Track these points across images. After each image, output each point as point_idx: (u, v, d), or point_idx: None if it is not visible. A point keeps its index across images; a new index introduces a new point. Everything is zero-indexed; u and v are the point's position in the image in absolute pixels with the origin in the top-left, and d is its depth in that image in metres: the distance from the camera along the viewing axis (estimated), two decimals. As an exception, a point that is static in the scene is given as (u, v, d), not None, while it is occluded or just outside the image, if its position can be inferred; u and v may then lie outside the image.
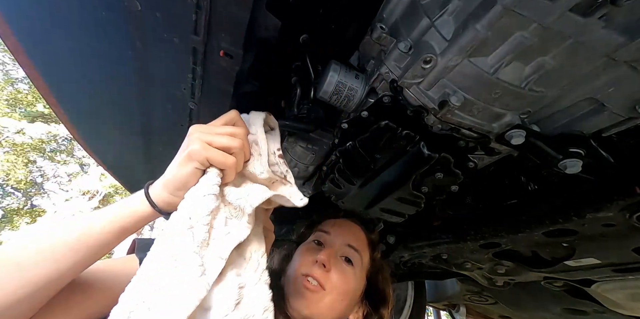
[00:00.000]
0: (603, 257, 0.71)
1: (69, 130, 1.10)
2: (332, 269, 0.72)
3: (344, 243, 0.79)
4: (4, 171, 9.67)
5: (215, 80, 0.70)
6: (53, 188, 11.09)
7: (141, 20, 0.59)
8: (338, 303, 0.69)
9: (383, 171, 0.79)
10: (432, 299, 1.79)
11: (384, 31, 0.58)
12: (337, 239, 0.80)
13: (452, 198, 0.86)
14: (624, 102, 0.49)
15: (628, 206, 0.55)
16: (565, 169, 0.57)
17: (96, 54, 0.73)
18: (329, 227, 0.85)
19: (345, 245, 0.78)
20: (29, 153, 10.18)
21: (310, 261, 0.74)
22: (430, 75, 0.53)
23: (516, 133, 0.56)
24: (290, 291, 0.70)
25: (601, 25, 0.39)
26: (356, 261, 0.76)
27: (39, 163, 10.71)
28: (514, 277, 0.95)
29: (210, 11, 0.54)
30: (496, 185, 0.82)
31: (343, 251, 0.77)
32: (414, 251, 1.01)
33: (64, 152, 11.25)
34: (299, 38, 0.67)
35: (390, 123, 0.68)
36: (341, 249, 0.78)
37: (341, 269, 0.73)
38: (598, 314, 1.08)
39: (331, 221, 0.88)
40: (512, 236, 0.74)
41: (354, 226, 0.85)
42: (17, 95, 10.25)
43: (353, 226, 0.85)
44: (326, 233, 0.83)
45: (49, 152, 10.84)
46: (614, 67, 0.44)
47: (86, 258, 0.43)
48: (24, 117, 10.24)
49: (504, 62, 0.47)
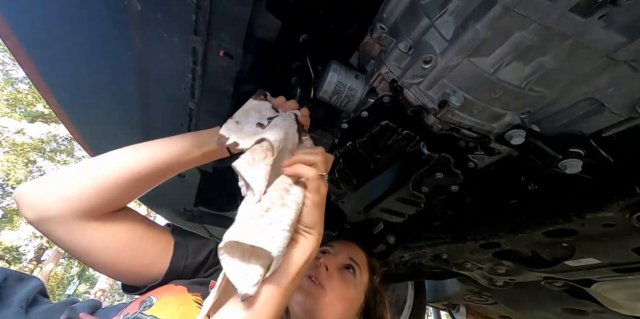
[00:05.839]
0: (603, 257, 0.71)
1: (69, 130, 1.10)
2: (334, 274, 0.76)
3: (346, 256, 0.83)
4: (4, 171, 9.67)
5: (215, 80, 0.70)
6: (53, 188, 11.06)
7: (141, 20, 0.59)
8: (336, 306, 0.71)
9: (383, 172, 0.79)
10: (432, 299, 1.78)
11: (384, 31, 0.58)
12: (340, 252, 0.85)
13: (452, 198, 0.86)
14: (624, 102, 0.49)
15: (628, 206, 0.55)
16: (565, 169, 0.57)
17: (96, 54, 0.73)
18: (334, 243, 0.91)
19: (348, 257, 0.83)
20: (29, 153, 10.18)
21: (314, 264, 0.78)
22: (430, 75, 0.53)
23: (516, 133, 0.56)
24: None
25: (601, 25, 0.39)
26: (357, 273, 0.80)
27: (39, 163, 10.71)
28: (514, 277, 0.95)
29: (210, 11, 0.54)
30: (496, 185, 0.82)
31: (345, 262, 0.82)
32: (414, 251, 1.01)
33: (64, 152, 11.26)
34: (299, 38, 0.67)
35: (390, 123, 0.68)
36: (344, 260, 0.82)
37: (342, 276, 0.77)
38: (598, 314, 1.08)
39: (337, 240, 0.94)
40: (512, 236, 0.74)
41: (357, 248, 0.90)
42: (17, 95, 10.25)
43: (356, 248, 0.90)
44: (331, 246, 0.89)
45: (49, 151, 10.85)
46: (614, 67, 0.44)
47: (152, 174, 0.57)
48: (24, 117, 10.24)
49: (504, 62, 0.47)
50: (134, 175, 0.56)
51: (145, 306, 0.53)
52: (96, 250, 0.56)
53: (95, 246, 0.55)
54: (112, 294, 12.21)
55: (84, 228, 0.54)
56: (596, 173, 0.59)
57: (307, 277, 0.73)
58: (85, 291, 13.28)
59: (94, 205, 0.54)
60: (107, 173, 0.55)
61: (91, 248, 0.55)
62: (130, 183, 0.56)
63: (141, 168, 0.56)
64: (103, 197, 0.54)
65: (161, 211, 1.56)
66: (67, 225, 0.53)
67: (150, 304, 0.54)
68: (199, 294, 0.57)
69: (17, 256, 10.64)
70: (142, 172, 0.56)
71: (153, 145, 0.59)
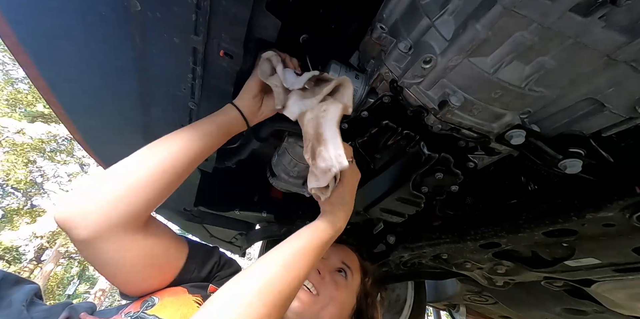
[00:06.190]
0: (603, 257, 0.71)
1: (69, 130, 1.10)
2: (327, 277, 0.76)
3: (338, 260, 0.84)
4: (4, 171, 9.67)
5: (215, 80, 0.70)
6: (53, 188, 11.10)
7: (141, 20, 0.59)
8: (329, 310, 0.72)
9: (383, 172, 0.79)
10: (432, 299, 1.79)
11: (384, 31, 0.58)
12: (332, 255, 0.85)
13: (452, 198, 0.86)
14: (624, 102, 0.49)
15: (628, 206, 0.55)
16: (565, 169, 0.57)
17: (96, 54, 0.73)
18: None
19: (340, 261, 0.84)
20: (29, 153, 10.18)
21: None
22: (430, 75, 0.53)
23: (516, 133, 0.56)
24: None
25: (601, 25, 0.39)
26: (348, 276, 0.81)
27: (39, 163, 10.71)
28: (514, 277, 0.95)
29: (210, 11, 0.54)
30: (496, 185, 0.82)
31: (338, 266, 0.82)
32: (414, 251, 1.01)
33: (64, 152, 11.25)
34: (299, 38, 0.67)
35: (390, 123, 0.68)
36: (336, 263, 0.83)
37: (334, 279, 0.78)
38: (598, 314, 1.08)
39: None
40: (512, 236, 0.74)
41: (349, 251, 0.90)
42: (17, 95, 10.25)
43: (348, 250, 0.90)
44: None
45: (49, 151, 10.84)
46: (614, 67, 0.44)
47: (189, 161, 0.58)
48: (24, 117, 10.24)
49: (504, 62, 0.47)
50: (173, 169, 0.56)
51: (147, 306, 0.54)
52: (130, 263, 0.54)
53: (131, 260, 0.54)
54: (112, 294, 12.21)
55: (131, 240, 0.53)
56: (596, 173, 0.59)
57: None
58: (85, 291, 13.28)
59: (141, 209, 0.53)
60: (148, 170, 0.54)
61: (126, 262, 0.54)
62: (171, 177, 0.56)
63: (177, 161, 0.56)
64: (149, 195, 0.53)
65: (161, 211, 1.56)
66: (117, 239, 0.51)
67: (152, 304, 0.54)
68: (200, 295, 0.58)
69: (17, 256, 10.64)
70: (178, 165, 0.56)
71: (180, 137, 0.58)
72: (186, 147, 0.57)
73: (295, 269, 0.50)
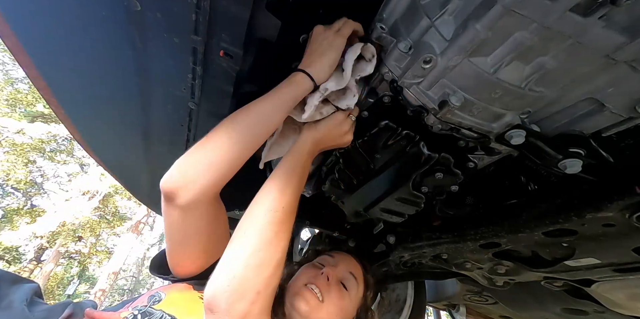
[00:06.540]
0: (603, 257, 0.71)
1: (69, 130, 1.10)
2: (333, 285, 0.77)
3: (346, 269, 0.84)
4: (4, 171, 9.66)
5: (215, 80, 0.70)
6: (53, 188, 11.11)
7: (141, 20, 0.59)
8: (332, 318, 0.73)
9: (383, 172, 0.79)
10: (432, 299, 1.78)
11: (384, 31, 0.58)
12: (340, 263, 0.86)
13: (452, 198, 0.86)
14: (624, 102, 0.49)
15: (628, 206, 0.54)
16: (565, 169, 0.57)
17: (96, 54, 0.73)
18: (333, 253, 0.93)
19: (347, 271, 0.84)
20: (29, 153, 10.17)
21: (314, 273, 0.79)
22: (430, 75, 0.53)
23: (516, 133, 0.56)
24: (292, 295, 0.74)
25: (601, 25, 0.39)
26: (351, 287, 0.81)
27: (39, 163, 10.71)
28: (514, 277, 0.94)
29: (210, 11, 0.54)
30: (496, 185, 0.82)
31: (343, 276, 0.82)
32: (414, 251, 1.01)
33: (64, 152, 11.25)
34: (299, 38, 0.67)
35: (390, 123, 0.68)
36: (343, 273, 0.83)
37: (340, 289, 0.78)
38: (598, 314, 1.07)
39: (335, 252, 0.96)
40: (512, 236, 0.74)
41: (355, 262, 0.91)
42: (17, 95, 10.24)
43: (355, 262, 0.91)
44: (331, 257, 0.90)
45: (49, 151, 10.84)
46: (614, 67, 0.44)
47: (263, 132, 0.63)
48: (24, 117, 10.24)
49: (504, 62, 0.47)
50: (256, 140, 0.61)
51: (154, 301, 0.56)
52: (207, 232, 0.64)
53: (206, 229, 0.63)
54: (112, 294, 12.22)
55: (219, 208, 0.64)
56: (596, 173, 0.59)
57: (306, 287, 0.74)
58: (85, 291, 13.28)
59: (227, 178, 0.61)
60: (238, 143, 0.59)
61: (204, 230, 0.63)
62: (253, 148, 0.62)
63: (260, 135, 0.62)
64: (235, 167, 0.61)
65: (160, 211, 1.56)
66: (209, 205, 0.61)
67: (159, 299, 0.56)
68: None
69: (17, 256, 10.63)
70: (260, 138, 0.62)
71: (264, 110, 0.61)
72: (268, 120, 0.61)
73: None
